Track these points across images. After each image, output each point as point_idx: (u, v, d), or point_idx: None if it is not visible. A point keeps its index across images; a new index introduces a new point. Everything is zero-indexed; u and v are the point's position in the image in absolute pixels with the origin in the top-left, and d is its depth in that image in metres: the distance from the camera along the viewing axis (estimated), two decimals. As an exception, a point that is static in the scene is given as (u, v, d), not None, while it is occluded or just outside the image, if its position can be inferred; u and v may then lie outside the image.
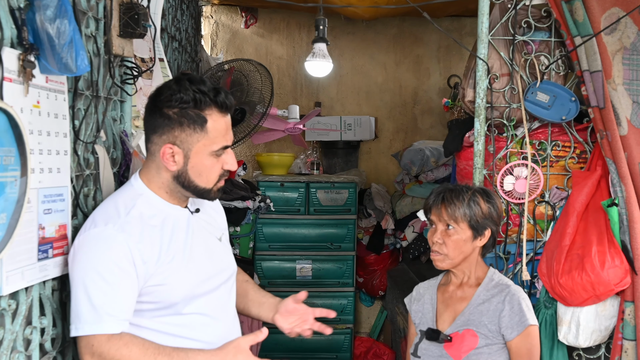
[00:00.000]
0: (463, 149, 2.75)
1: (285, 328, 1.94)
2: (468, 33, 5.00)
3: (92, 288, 1.55)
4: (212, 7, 4.91)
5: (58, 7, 1.45)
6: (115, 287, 1.56)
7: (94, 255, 1.57)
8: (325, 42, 2.94)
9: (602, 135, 2.38)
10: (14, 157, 1.34)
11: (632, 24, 2.37)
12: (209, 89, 1.65)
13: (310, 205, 4.52)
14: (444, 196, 2.06)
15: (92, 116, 1.85)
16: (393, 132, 5.15)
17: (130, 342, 1.56)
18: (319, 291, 4.54)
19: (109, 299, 1.55)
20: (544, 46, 2.59)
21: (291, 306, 1.94)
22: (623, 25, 2.37)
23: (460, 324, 2.06)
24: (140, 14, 1.99)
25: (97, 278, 1.55)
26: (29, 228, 1.45)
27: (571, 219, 2.36)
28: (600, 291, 2.27)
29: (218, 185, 1.74)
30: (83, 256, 1.57)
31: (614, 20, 2.35)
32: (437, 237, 2.06)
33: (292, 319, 1.95)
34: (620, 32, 2.37)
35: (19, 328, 1.44)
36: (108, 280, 1.56)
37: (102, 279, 1.55)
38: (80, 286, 1.55)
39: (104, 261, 1.57)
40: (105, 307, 1.54)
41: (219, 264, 1.84)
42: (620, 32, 2.37)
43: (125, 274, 1.58)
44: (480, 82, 2.54)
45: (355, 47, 5.05)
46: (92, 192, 1.86)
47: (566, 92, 2.49)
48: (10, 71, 1.37)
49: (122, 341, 1.55)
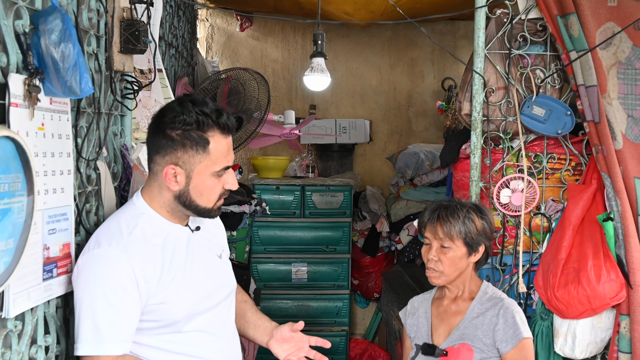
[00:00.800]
0: (459, 161, 2.77)
1: (280, 355, 1.95)
2: (462, 36, 5.03)
3: (95, 309, 1.56)
4: (208, 11, 4.91)
5: (62, 31, 1.46)
6: (119, 309, 1.58)
7: (98, 276, 1.58)
8: (324, 57, 2.95)
9: (598, 150, 2.40)
10: (21, 182, 1.35)
11: (627, 39, 2.40)
12: (211, 110, 1.66)
13: (306, 208, 4.54)
14: (439, 214, 2.08)
15: (94, 133, 1.86)
16: (388, 135, 5.17)
17: None
18: (315, 293, 4.57)
19: (112, 320, 1.57)
20: (540, 60, 2.61)
21: (287, 334, 1.94)
22: (618, 40, 2.39)
23: (456, 338, 2.09)
24: (140, 30, 1.99)
25: (101, 299, 1.57)
26: (35, 249, 1.46)
27: (567, 232, 2.39)
28: (596, 305, 2.30)
29: (218, 204, 1.77)
30: (87, 276, 1.59)
31: (609, 35, 2.38)
32: (433, 254, 2.09)
33: (288, 347, 1.95)
34: (615, 47, 2.39)
35: (24, 348, 1.45)
36: (111, 301, 1.57)
37: (105, 300, 1.57)
38: (84, 306, 1.57)
39: (107, 282, 1.58)
40: (108, 329, 1.56)
41: (219, 282, 1.86)
42: (615, 46, 2.39)
43: (128, 295, 1.59)
44: (476, 95, 2.57)
45: (349, 50, 5.06)
46: (94, 208, 1.87)
47: (562, 106, 2.51)
48: (16, 96, 1.37)
49: None
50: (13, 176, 1.32)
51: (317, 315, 4.59)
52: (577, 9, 2.38)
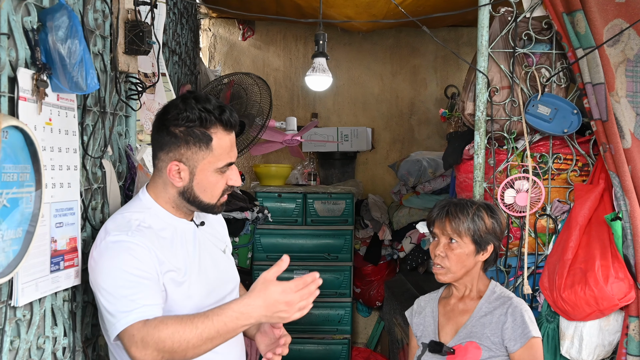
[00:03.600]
0: (463, 162, 2.76)
1: (262, 349, 1.92)
2: (465, 43, 5.05)
3: (119, 287, 1.56)
4: (210, 20, 4.94)
5: (69, 28, 1.48)
6: (142, 279, 1.58)
7: (115, 259, 1.59)
8: (325, 57, 2.96)
9: (605, 149, 2.37)
10: (29, 173, 1.37)
11: (636, 36, 2.36)
12: (214, 107, 1.68)
13: (308, 215, 4.54)
14: (449, 210, 2.08)
15: (100, 131, 1.88)
16: (390, 143, 5.18)
17: (166, 318, 1.56)
18: (316, 301, 4.39)
19: (138, 289, 1.57)
20: (545, 58, 2.60)
21: (267, 327, 1.92)
22: (626, 37, 2.36)
23: (463, 337, 2.08)
24: (144, 31, 2.02)
25: (124, 275, 1.57)
26: (43, 241, 1.49)
27: (574, 233, 2.36)
28: (604, 306, 2.26)
29: (221, 200, 1.78)
30: (105, 263, 1.59)
31: (617, 31, 2.35)
32: (440, 250, 2.08)
33: (268, 341, 1.92)
34: (624, 44, 2.36)
35: (32, 337, 1.48)
36: (135, 274, 1.58)
37: (128, 274, 1.58)
38: (108, 288, 1.57)
39: (127, 261, 1.59)
40: (134, 296, 1.56)
41: (224, 276, 1.88)
42: (624, 43, 2.37)
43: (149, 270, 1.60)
44: (480, 95, 2.56)
45: (351, 58, 5.08)
46: (99, 206, 1.89)
47: (568, 105, 2.49)
48: (24, 90, 1.40)
49: (158, 319, 1.55)
50: (22, 166, 1.34)
51: (319, 323, 4.56)
52: (584, 6, 2.36)
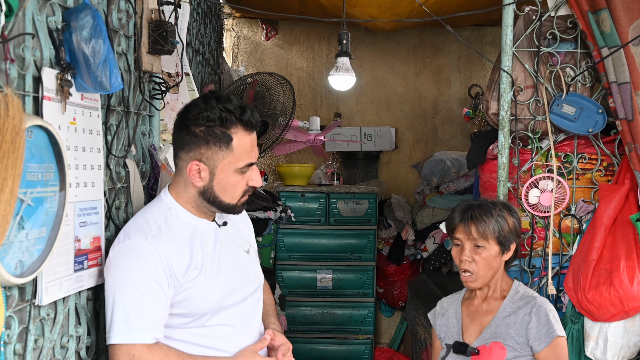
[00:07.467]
0: (487, 162, 2.74)
1: None
2: (489, 42, 5.00)
3: (126, 298, 1.59)
4: (234, 20, 4.97)
5: (93, 28, 1.49)
6: (150, 298, 1.60)
7: (129, 267, 1.61)
8: (349, 56, 2.95)
9: (631, 148, 2.35)
10: (53, 172, 1.38)
11: (662, 34, 2.34)
12: (235, 107, 1.67)
13: (331, 215, 4.54)
14: (472, 214, 2.04)
15: (124, 131, 1.89)
16: (413, 143, 5.15)
17: (170, 352, 1.61)
18: (339, 301, 4.55)
19: (143, 310, 1.59)
20: (570, 57, 2.57)
21: None
22: (652, 35, 2.34)
23: (488, 337, 2.06)
24: (168, 31, 2.03)
25: (132, 289, 1.59)
26: (67, 240, 1.50)
27: (598, 233, 2.34)
28: (629, 307, 2.24)
29: (242, 200, 1.77)
30: (118, 267, 1.61)
31: (643, 30, 2.33)
32: (466, 255, 2.05)
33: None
34: (649, 43, 2.34)
35: (56, 336, 1.50)
36: (142, 291, 1.60)
37: (136, 290, 1.59)
38: (115, 296, 1.59)
39: (138, 272, 1.60)
40: (139, 318, 1.58)
41: (246, 276, 1.87)
42: (649, 42, 2.34)
43: (158, 286, 1.62)
44: (504, 94, 2.54)
45: (374, 57, 5.07)
46: (123, 205, 1.90)
47: (593, 104, 2.47)
48: (49, 90, 1.41)
49: (162, 352, 1.59)
50: (46, 166, 1.35)
51: (341, 323, 4.57)
52: (609, 5, 2.35)
